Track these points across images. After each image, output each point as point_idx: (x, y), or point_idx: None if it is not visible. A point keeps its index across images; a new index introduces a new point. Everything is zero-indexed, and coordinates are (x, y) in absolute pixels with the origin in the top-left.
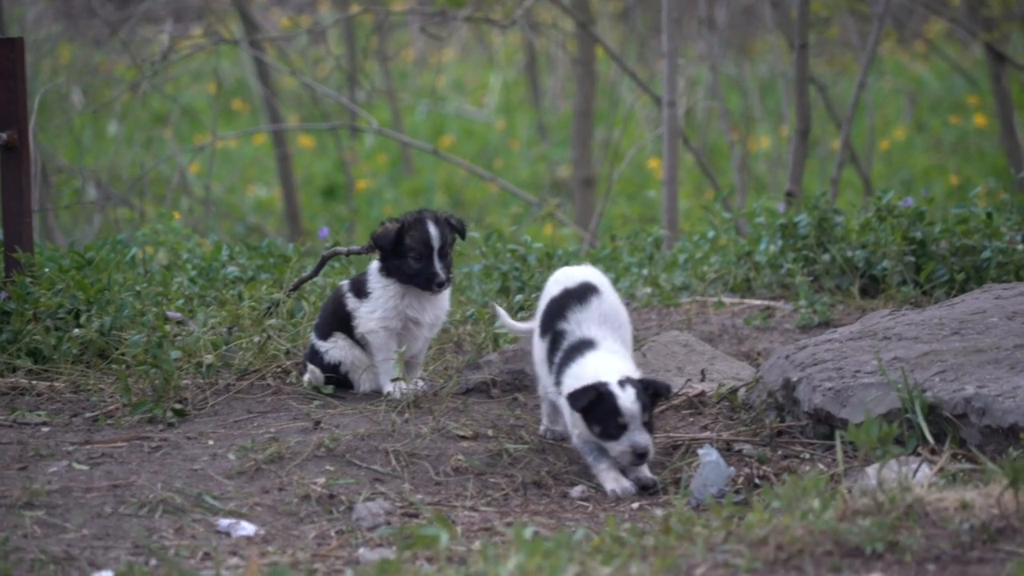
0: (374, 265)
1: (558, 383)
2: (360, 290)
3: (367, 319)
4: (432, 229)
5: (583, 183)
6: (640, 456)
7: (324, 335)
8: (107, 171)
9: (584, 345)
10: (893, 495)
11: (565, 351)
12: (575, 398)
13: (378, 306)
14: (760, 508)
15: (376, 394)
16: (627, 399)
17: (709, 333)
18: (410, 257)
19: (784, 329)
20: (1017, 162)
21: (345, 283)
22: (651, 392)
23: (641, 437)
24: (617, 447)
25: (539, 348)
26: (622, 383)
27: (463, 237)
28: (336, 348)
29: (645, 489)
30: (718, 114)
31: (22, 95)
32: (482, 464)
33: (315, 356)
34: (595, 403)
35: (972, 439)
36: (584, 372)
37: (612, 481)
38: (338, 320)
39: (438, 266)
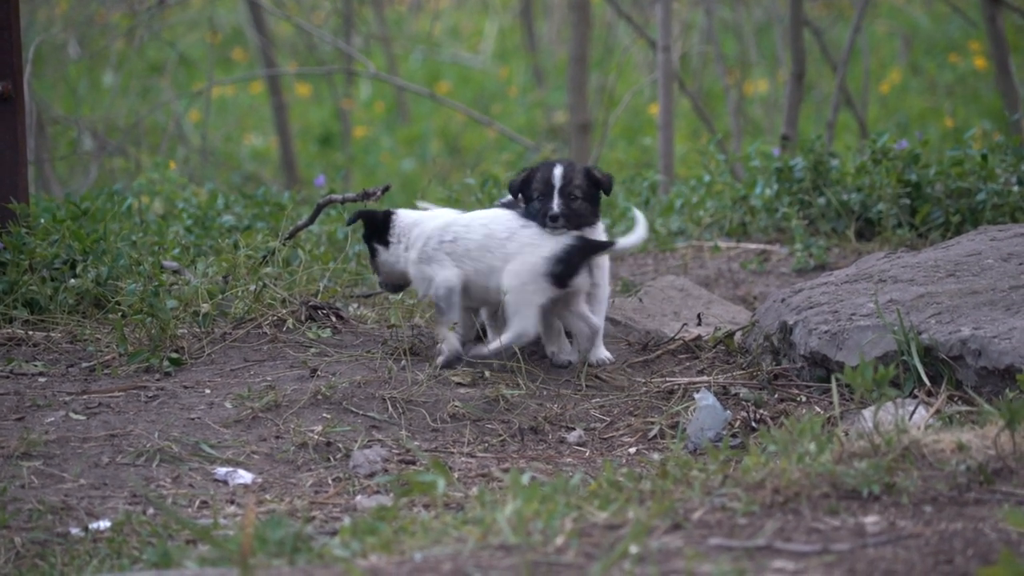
0: None
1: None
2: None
3: None
4: (557, 170)
5: (579, 128)
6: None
7: None
8: (103, 121)
9: None
10: (889, 437)
11: None
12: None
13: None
14: (757, 451)
15: (372, 342)
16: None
17: (705, 277)
18: (535, 197)
19: (780, 273)
20: (1012, 104)
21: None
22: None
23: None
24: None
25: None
26: None
27: (607, 191)
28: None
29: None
30: (714, 58)
31: (16, 45)
32: (479, 410)
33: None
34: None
35: (968, 381)
36: None
37: (445, 343)
38: None
39: (555, 201)
